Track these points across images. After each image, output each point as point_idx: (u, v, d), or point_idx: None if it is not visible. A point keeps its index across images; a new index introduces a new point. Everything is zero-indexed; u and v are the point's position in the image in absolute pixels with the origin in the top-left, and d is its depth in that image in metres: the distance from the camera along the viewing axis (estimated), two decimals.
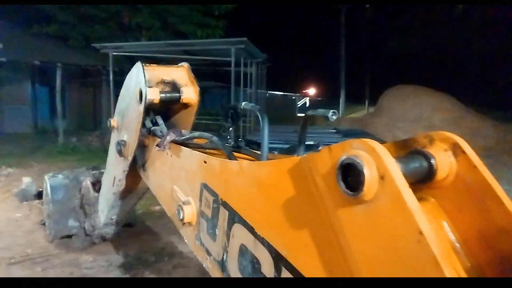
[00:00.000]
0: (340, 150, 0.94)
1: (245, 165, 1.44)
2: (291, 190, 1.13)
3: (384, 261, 0.85)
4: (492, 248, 0.92)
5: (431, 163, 0.98)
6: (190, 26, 13.55)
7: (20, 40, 12.48)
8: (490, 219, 0.93)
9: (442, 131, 1.04)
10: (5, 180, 6.68)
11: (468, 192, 0.97)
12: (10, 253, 4.04)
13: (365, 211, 0.88)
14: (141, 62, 2.37)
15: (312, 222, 1.05)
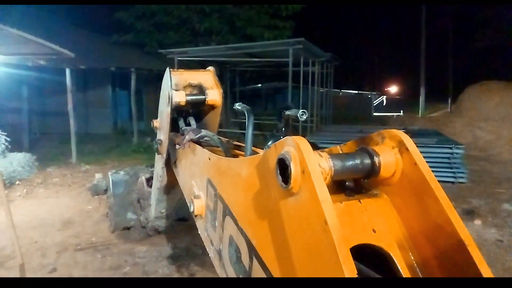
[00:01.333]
0: (281, 146, 0.97)
1: (231, 162, 1.49)
2: (258, 184, 1.15)
3: (306, 248, 0.89)
4: (431, 243, 0.94)
5: (373, 160, 1.01)
6: (257, 29, 13.73)
7: (100, 48, 13.77)
8: (428, 215, 0.94)
9: (392, 129, 1.03)
10: (82, 176, 7.42)
11: (412, 189, 0.98)
12: (77, 240, 4.48)
13: (294, 201, 0.92)
14: (169, 67, 2.53)
15: (269, 213, 1.08)
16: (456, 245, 0.87)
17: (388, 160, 1.00)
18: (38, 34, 6.16)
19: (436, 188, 0.93)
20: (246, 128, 1.64)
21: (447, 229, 0.89)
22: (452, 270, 0.89)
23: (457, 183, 7.20)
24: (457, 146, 7.41)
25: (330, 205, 0.83)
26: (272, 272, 1.08)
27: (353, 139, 4.52)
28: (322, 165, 0.95)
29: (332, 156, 1.01)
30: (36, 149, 9.96)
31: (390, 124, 17.36)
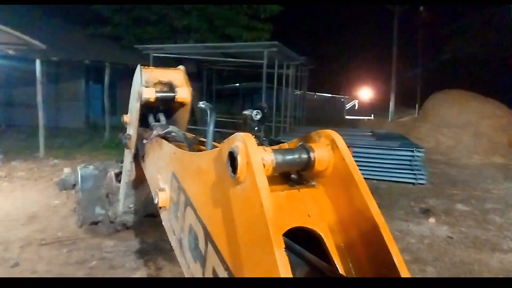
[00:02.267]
0: (232, 141, 1.12)
1: (193, 155, 1.62)
2: (214, 175, 1.29)
3: (247, 229, 1.03)
4: (355, 227, 1.09)
5: (309, 155, 1.17)
6: (236, 29, 13.84)
7: (75, 40, 13.50)
8: (353, 202, 1.10)
9: (326, 130, 1.21)
10: (50, 170, 7.32)
11: (341, 180, 1.14)
12: (43, 235, 4.46)
13: (240, 189, 1.07)
14: (140, 64, 2.62)
15: (222, 201, 1.22)
16: (372, 227, 1.03)
17: (321, 155, 1.17)
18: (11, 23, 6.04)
19: (358, 179, 1.10)
20: (208, 125, 1.77)
21: (366, 214, 1.06)
22: (369, 248, 1.06)
23: (417, 184, 7.59)
24: (418, 150, 7.79)
25: (267, 191, 0.97)
26: (223, 254, 1.22)
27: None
28: (265, 158, 1.11)
29: (275, 151, 1.17)
30: (1, 142, 9.70)
31: (360, 126, 17.85)
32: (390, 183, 7.72)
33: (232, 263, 1.15)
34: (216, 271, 1.27)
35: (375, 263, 1.06)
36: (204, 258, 1.39)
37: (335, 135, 1.19)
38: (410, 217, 5.77)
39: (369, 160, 7.95)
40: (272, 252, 0.90)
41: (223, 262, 1.20)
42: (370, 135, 9.73)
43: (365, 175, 7.66)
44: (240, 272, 1.09)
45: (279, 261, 0.88)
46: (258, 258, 0.98)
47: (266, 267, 0.93)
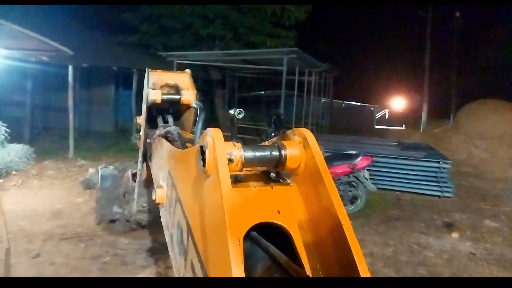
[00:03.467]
0: (203, 136, 1.17)
1: (181, 152, 1.69)
2: (194, 170, 1.34)
3: (212, 221, 1.07)
4: (322, 224, 1.10)
5: (281, 152, 1.20)
6: (260, 37, 13.92)
7: (104, 48, 14.04)
8: (320, 200, 1.11)
9: (300, 128, 1.23)
10: (77, 170, 7.62)
11: (311, 178, 1.16)
12: (64, 230, 4.66)
13: (209, 182, 1.11)
14: (148, 68, 2.73)
15: (198, 195, 1.26)
16: (336, 225, 1.04)
17: (293, 153, 1.19)
18: (43, 31, 6.42)
19: (326, 177, 1.10)
20: (196, 123, 1.83)
21: (331, 211, 1.06)
22: (334, 246, 1.06)
23: (443, 197, 7.32)
24: (445, 161, 7.52)
25: (227, 183, 1.01)
26: (198, 247, 1.26)
27: (346, 148, 4.83)
28: (234, 154, 1.15)
29: (246, 147, 1.20)
30: (36, 142, 10.17)
31: (388, 136, 17.51)
32: (413, 195, 7.50)
33: (203, 256, 1.19)
34: (193, 264, 1.31)
35: (339, 261, 1.06)
36: (186, 251, 1.43)
37: (308, 134, 1.21)
38: (431, 230, 5.58)
39: (392, 170, 7.74)
40: (226, 242, 0.93)
41: (198, 254, 1.24)
42: (395, 145, 9.50)
43: (387, 185, 7.63)
44: (207, 264, 1.13)
45: (231, 251, 0.91)
46: (217, 249, 1.02)
47: (221, 257, 0.97)
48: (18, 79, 10.53)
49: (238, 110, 1.60)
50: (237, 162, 1.15)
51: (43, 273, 3.60)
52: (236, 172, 1.25)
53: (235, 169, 1.18)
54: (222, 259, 0.95)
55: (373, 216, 6.16)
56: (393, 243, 4.96)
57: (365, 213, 6.19)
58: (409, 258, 4.52)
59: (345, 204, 6.16)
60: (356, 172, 5.99)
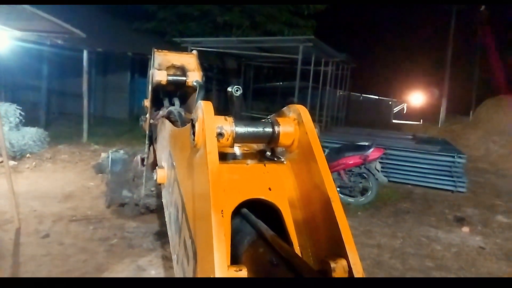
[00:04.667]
0: (196, 108, 1.14)
1: (179, 130, 1.67)
2: (188, 146, 1.33)
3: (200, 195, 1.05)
4: (313, 202, 1.08)
5: (274, 129, 1.16)
6: (278, 26, 13.74)
7: (120, 33, 14.12)
8: (312, 177, 1.08)
9: (296, 105, 1.19)
10: (90, 155, 7.73)
11: (304, 155, 1.13)
12: (74, 212, 4.74)
13: (198, 156, 1.09)
14: (154, 48, 2.70)
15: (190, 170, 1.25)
16: (326, 202, 1.01)
17: (286, 130, 1.16)
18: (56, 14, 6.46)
19: (318, 154, 1.07)
20: (195, 100, 1.81)
21: (321, 189, 1.03)
22: (324, 224, 1.03)
23: (456, 192, 7.19)
24: (460, 155, 7.36)
25: (214, 156, 1.00)
26: (190, 224, 1.24)
27: (359, 141, 4.76)
28: (225, 128, 1.12)
29: (238, 122, 1.17)
30: (51, 127, 10.35)
31: (404, 130, 17.23)
32: (426, 189, 7.38)
33: (194, 231, 1.18)
34: (185, 241, 1.30)
35: (328, 240, 1.04)
36: (180, 229, 1.43)
37: (302, 110, 1.18)
38: (441, 224, 5.49)
39: (405, 163, 7.61)
40: (209, 214, 0.91)
41: (189, 230, 1.23)
42: (410, 139, 9.34)
43: (399, 179, 7.53)
44: (195, 239, 1.12)
45: (213, 223, 0.89)
46: (202, 222, 1.00)
47: (205, 230, 0.95)
48: (34, 63, 10.69)
49: (236, 87, 1.57)
50: (227, 136, 1.13)
51: (51, 253, 3.67)
52: (229, 149, 1.23)
53: (226, 144, 1.16)
54: (206, 232, 0.94)
55: (383, 208, 6.09)
56: (402, 236, 4.90)
57: (375, 205, 6.12)
58: (416, 251, 4.45)
59: (355, 196, 6.11)
60: (368, 164, 5.90)
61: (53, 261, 3.54)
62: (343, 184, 6.05)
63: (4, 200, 4.64)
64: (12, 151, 6.69)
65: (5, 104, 7.25)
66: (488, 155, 12.23)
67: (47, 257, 3.59)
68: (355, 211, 5.82)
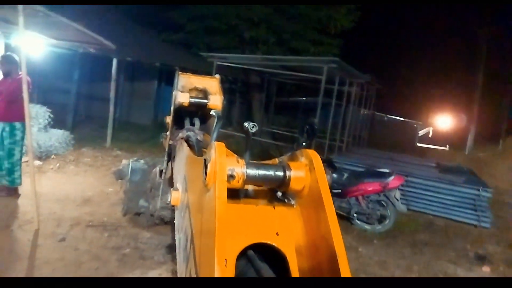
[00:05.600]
0: (209, 149, 1.16)
1: (195, 160, 1.69)
2: (201, 180, 1.33)
3: (207, 234, 1.06)
4: (319, 252, 1.07)
5: (285, 173, 1.17)
6: (304, 43, 13.76)
7: (149, 44, 14.47)
8: (320, 227, 1.08)
9: (309, 149, 1.18)
10: (111, 160, 7.88)
11: (314, 203, 1.13)
12: (91, 218, 4.82)
13: (208, 196, 1.10)
14: (178, 70, 2.78)
15: (201, 206, 1.25)
16: (332, 256, 1.00)
17: (298, 175, 1.16)
18: (90, 24, 6.72)
19: (327, 204, 1.06)
20: (212, 132, 1.82)
21: (329, 241, 1.02)
22: (329, 276, 1.02)
23: (480, 227, 6.93)
24: (485, 189, 7.10)
25: (223, 201, 1.01)
26: (196, 259, 1.25)
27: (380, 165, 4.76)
28: (236, 170, 1.13)
29: (250, 164, 1.18)
30: (77, 129, 10.63)
31: (429, 156, 16.85)
32: (447, 221, 7.13)
33: (199, 267, 1.18)
34: (191, 274, 1.31)
35: None
36: (188, 259, 1.43)
37: (315, 156, 1.18)
38: (461, 261, 5.28)
39: (427, 192, 7.37)
40: (213, 264, 0.91)
41: (195, 266, 1.24)
42: (434, 167, 9.12)
43: (420, 208, 7.31)
44: (199, 275, 1.12)
45: (216, 274, 0.90)
46: (206, 266, 1.01)
47: (208, 274, 0.95)
48: (66, 67, 11.07)
49: (252, 124, 1.58)
50: (238, 179, 1.14)
51: (65, 258, 3.73)
52: (240, 188, 1.23)
53: (237, 185, 1.16)
54: (209, 276, 0.94)
55: (401, 238, 5.93)
56: (418, 269, 4.75)
57: (392, 234, 5.97)
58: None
59: (372, 223, 5.98)
60: (387, 192, 5.79)
61: (66, 266, 3.60)
62: (360, 210, 5.94)
63: (27, 200, 4.79)
64: (39, 152, 6.91)
65: (36, 106, 7.50)
66: None
67: (61, 262, 3.66)
68: (371, 239, 5.69)
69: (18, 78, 4.73)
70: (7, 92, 4.83)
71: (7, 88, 4.85)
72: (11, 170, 4.98)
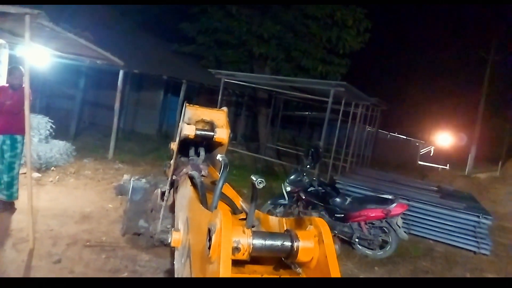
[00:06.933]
0: (213, 217, 1.12)
1: (200, 210, 1.66)
2: (203, 239, 1.30)
3: None
4: None
5: (293, 244, 1.11)
6: (312, 61, 13.86)
7: (158, 55, 14.56)
8: None
9: (317, 218, 1.15)
10: (113, 174, 7.83)
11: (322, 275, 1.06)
12: (89, 236, 4.76)
13: (211, 268, 1.05)
14: (186, 102, 2.77)
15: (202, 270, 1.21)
16: None
17: (306, 246, 1.13)
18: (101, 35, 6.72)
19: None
20: (218, 181, 1.78)
21: None
22: None
23: (479, 254, 6.87)
24: (486, 216, 7.06)
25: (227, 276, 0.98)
26: None
27: (383, 188, 4.70)
28: (242, 242, 1.09)
29: (256, 234, 1.14)
30: (80, 138, 10.64)
31: (430, 178, 16.78)
32: (447, 247, 7.08)
33: None
34: None
35: None
36: None
37: (324, 227, 1.15)
38: None
39: (428, 218, 7.38)
40: None
41: None
42: (435, 191, 9.07)
43: (421, 233, 7.26)
44: None
45: None
46: None
47: None
48: (72, 74, 11.09)
49: (260, 180, 1.54)
50: (243, 251, 1.10)
51: None
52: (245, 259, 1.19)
53: (242, 257, 1.12)
54: None
55: (402, 265, 5.87)
56: None
57: (393, 261, 5.91)
58: None
59: (374, 249, 5.93)
60: (389, 219, 5.75)
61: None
62: (362, 236, 5.90)
63: (23, 215, 4.74)
64: (39, 163, 6.87)
65: (38, 116, 7.46)
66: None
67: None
68: (372, 266, 5.63)
69: (20, 90, 4.71)
70: (9, 104, 4.80)
71: (10, 100, 4.82)
72: (10, 184, 4.94)
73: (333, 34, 13.16)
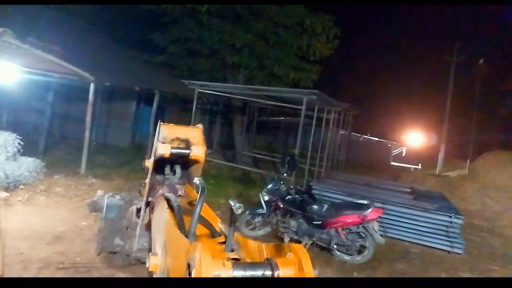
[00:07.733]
0: (192, 250, 1.11)
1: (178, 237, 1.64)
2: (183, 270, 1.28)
3: None
4: None
5: (273, 273, 1.14)
6: (284, 69, 14.08)
7: (130, 66, 14.36)
8: None
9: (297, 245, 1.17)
10: (86, 190, 7.61)
11: None
12: (62, 258, 4.60)
13: None
14: (160, 121, 2.74)
15: None
16: None
17: (286, 274, 1.13)
18: (72, 50, 6.55)
19: None
20: (196, 205, 1.76)
21: None
22: None
23: (453, 253, 7.09)
24: (457, 216, 7.30)
25: None
26: None
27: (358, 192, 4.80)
28: (222, 275, 1.09)
29: (236, 265, 1.14)
30: (50, 152, 10.32)
31: (403, 178, 17.21)
32: (423, 248, 7.27)
33: None
34: None
35: None
36: None
37: (303, 255, 1.16)
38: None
39: (403, 220, 7.57)
40: None
41: None
42: (409, 193, 9.30)
43: (396, 235, 7.43)
44: None
45: None
46: None
47: None
48: (41, 89, 10.77)
49: (238, 205, 1.53)
50: None
51: None
52: None
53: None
54: None
55: (380, 268, 5.98)
56: None
57: (371, 265, 6.02)
58: None
59: (352, 254, 6.01)
60: (366, 224, 5.86)
61: None
62: (340, 242, 5.97)
63: None
64: (6, 182, 6.59)
65: (5, 133, 7.15)
66: (484, 210, 12.14)
67: None
68: (351, 271, 5.71)
69: None
70: None
71: None
72: None
73: (303, 41, 13.45)
